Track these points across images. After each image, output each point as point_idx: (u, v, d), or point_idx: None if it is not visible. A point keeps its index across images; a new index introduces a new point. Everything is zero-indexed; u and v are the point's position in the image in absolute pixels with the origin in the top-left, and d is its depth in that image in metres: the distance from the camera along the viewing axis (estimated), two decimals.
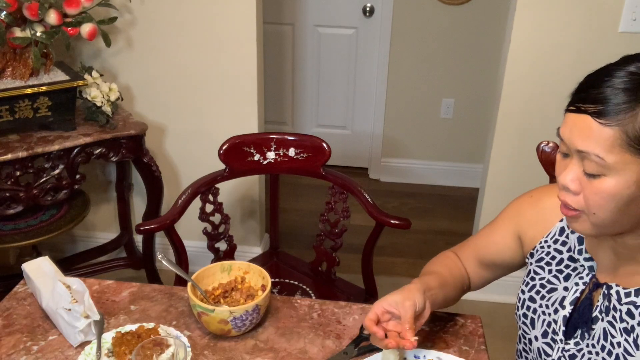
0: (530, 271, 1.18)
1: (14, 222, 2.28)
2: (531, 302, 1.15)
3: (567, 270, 1.12)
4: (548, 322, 1.11)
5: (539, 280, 1.15)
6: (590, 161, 0.89)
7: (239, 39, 2.42)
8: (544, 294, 1.13)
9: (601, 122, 0.87)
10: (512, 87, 2.37)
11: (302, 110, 3.82)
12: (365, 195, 1.94)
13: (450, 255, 1.33)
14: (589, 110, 0.88)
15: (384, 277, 2.78)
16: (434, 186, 3.76)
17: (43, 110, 2.09)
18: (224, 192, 2.24)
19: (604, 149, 0.87)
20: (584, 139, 0.89)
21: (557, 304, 1.10)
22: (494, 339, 1.54)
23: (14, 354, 1.20)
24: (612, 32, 2.22)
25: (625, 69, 0.88)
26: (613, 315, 1.01)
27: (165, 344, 1.11)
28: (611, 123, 0.86)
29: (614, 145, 0.86)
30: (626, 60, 0.90)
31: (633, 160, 0.87)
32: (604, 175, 0.89)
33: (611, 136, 0.86)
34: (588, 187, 0.91)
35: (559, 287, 1.11)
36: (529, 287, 1.17)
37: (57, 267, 1.36)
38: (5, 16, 1.94)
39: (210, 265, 1.36)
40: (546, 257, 1.15)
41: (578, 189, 0.93)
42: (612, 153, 0.87)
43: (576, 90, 0.93)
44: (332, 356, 1.21)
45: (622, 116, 0.85)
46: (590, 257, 1.07)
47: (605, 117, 0.86)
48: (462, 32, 3.39)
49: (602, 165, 0.88)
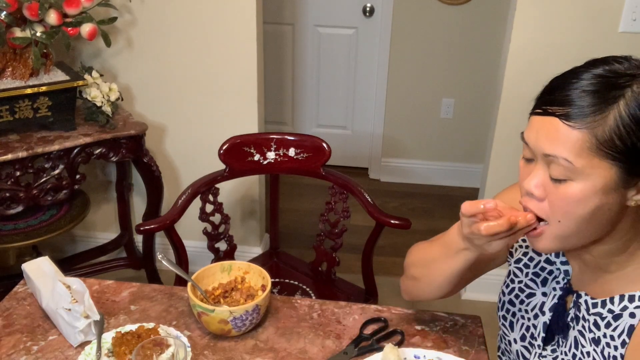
0: (510, 272, 1.16)
1: (14, 222, 2.28)
2: (511, 305, 1.14)
3: (544, 274, 1.10)
4: (527, 326, 1.11)
5: (517, 284, 1.14)
6: (558, 165, 0.86)
7: (239, 39, 2.42)
8: (523, 298, 1.12)
9: (569, 124, 0.84)
10: (512, 87, 2.36)
11: (302, 110, 3.82)
12: (365, 195, 1.94)
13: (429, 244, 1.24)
14: (556, 113, 0.86)
15: (384, 277, 2.78)
16: (434, 186, 3.76)
17: (43, 110, 2.08)
18: (224, 192, 2.24)
19: (572, 152, 0.84)
20: (551, 142, 0.86)
21: (537, 310, 1.09)
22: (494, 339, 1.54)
23: (14, 354, 1.20)
24: (612, 32, 2.22)
25: (591, 71, 0.86)
26: (582, 324, 0.99)
27: (165, 344, 1.11)
28: (580, 125, 0.84)
29: (583, 149, 0.84)
30: (593, 63, 0.88)
31: (601, 164, 0.84)
32: (570, 180, 0.86)
33: (580, 139, 0.84)
34: (553, 193, 0.88)
35: (537, 292, 1.10)
36: (509, 289, 1.15)
37: (57, 267, 1.36)
38: (5, 16, 1.94)
39: (210, 265, 1.36)
40: (524, 258, 1.13)
41: (542, 195, 0.90)
42: (581, 157, 0.84)
43: (542, 92, 0.91)
44: (332, 356, 1.21)
45: (590, 118, 0.83)
46: (567, 260, 1.05)
47: (573, 119, 0.84)
48: (462, 32, 3.39)
49: (569, 170, 0.85)
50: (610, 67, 0.87)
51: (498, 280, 1.32)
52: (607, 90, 0.84)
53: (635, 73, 0.86)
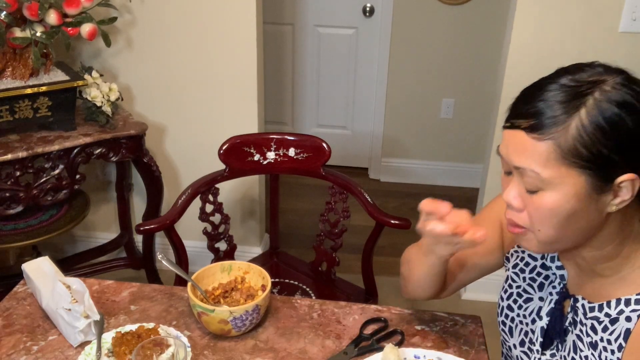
0: (508, 277, 1.17)
1: (14, 222, 2.28)
2: (509, 310, 1.15)
3: (540, 279, 1.10)
4: (525, 331, 1.11)
5: (515, 289, 1.14)
6: (528, 177, 0.88)
7: (239, 39, 2.42)
8: (521, 303, 1.12)
9: (534, 136, 0.86)
10: (512, 87, 2.35)
11: (302, 110, 3.82)
12: (365, 195, 1.94)
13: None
14: (522, 126, 0.87)
15: (384, 277, 2.78)
16: (434, 186, 3.76)
17: (43, 110, 2.08)
18: (224, 192, 2.24)
19: (539, 163, 0.86)
20: (519, 155, 0.88)
21: (535, 314, 1.09)
22: (494, 339, 1.54)
23: (14, 354, 1.20)
24: (612, 32, 2.21)
25: (557, 81, 0.87)
26: (580, 328, 0.99)
27: (165, 344, 1.11)
28: (544, 137, 0.85)
29: (549, 159, 0.85)
30: (559, 73, 0.89)
31: (569, 173, 0.85)
32: (542, 190, 0.88)
33: (545, 150, 0.85)
34: (530, 204, 0.90)
35: (535, 297, 1.10)
36: (507, 294, 1.16)
37: (57, 267, 1.36)
38: (5, 16, 1.94)
39: (210, 265, 1.36)
40: (520, 263, 1.14)
41: (521, 206, 0.92)
42: (548, 167, 0.86)
43: (511, 106, 0.92)
44: (332, 356, 1.21)
45: (554, 129, 0.84)
46: (562, 265, 1.06)
47: (537, 131, 0.85)
48: (462, 32, 3.39)
49: (539, 180, 0.87)
50: (573, 76, 0.87)
51: (498, 281, 1.32)
52: (570, 99, 0.85)
53: (598, 79, 0.86)
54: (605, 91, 0.85)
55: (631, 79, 0.88)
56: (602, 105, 0.84)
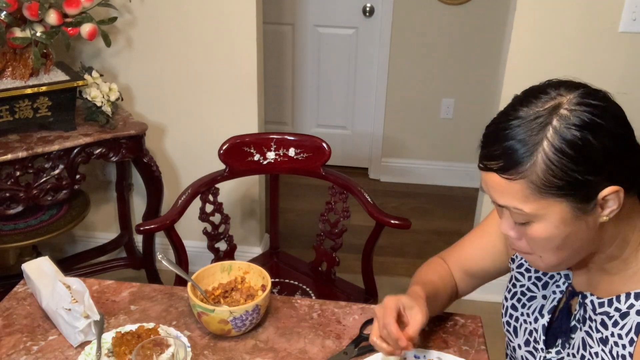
0: (512, 277, 1.17)
1: (14, 222, 2.28)
2: (513, 310, 1.15)
3: (545, 278, 1.11)
4: (529, 330, 1.11)
5: (519, 288, 1.15)
6: (513, 213, 0.90)
7: (239, 39, 2.42)
8: (525, 302, 1.13)
9: (506, 177, 0.87)
10: (512, 87, 2.35)
11: (302, 110, 3.82)
12: (365, 195, 1.94)
13: (441, 262, 1.31)
14: (493, 168, 0.89)
15: (384, 277, 2.78)
16: (434, 186, 3.76)
17: (43, 110, 2.08)
18: (224, 192, 2.24)
19: (519, 201, 0.88)
20: (499, 195, 0.90)
21: (537, 313, 1.10)
22: (494, 339, 1.53)
23: (14, 354, 1.20)
24: (612, 32, 2.21)
25: (517, 115, 0.87)
26: (589, 325, 1.00)
27: (165, 344, 1.11)
28: (515, 176, 0.86)
29: (527, 196, 0.87)
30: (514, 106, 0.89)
31: (549, 203, 0.87)
32: (531, 222, 0.90)
33: (520, 189, 0.87)
34: (524, 234, 0.93)
35: (538, 295, 1.11)
36: (511, 294, 1.16)
37: (57, 267, 1.36)
38: (5, 16, 1.94)
39: (210, 265, 1.36)
40: (525, 264, 1.14)
41: (518, 235, 0.95)
42: (528, 202, 0.87)
43: (480, 146, 0.93)
44: (332, 356, 1.21)
45: (522, 168, 0.85)
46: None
47: (507, 172, 0.87)
48: (462, 32, 3.39)
49: (524, 215, 0.89)
50: (530, 107, 0.87)
51: (498, 281, 1.32)
52: (530, 135, 0.85)
53: (554, 105, 0.86)
54: (562, 117, 0.84)
55: (589, 92, 0.87)
56: (563, 132, 0.84)
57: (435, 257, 1.34)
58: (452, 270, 1.30)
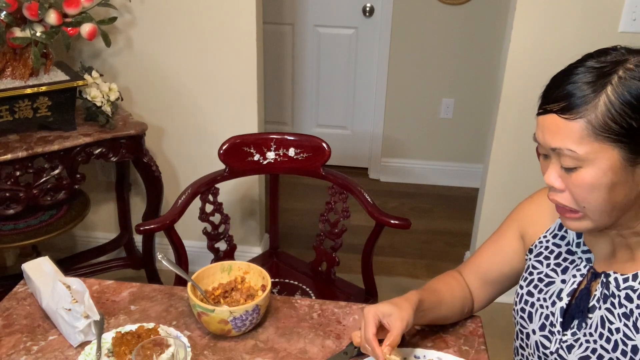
0: (529, 266, 1.18)
1: (14, 222, 2.28)
2: (529, 296, 1.16)
3: (565, 264, 1.13)
4: (546, 314, 1.12)
5: (537, 275, 1.16)
6: (565, 156, 0.93)
7: (239, 39, 2.42)
8: (542, 287, 1.14)
9: (566, 117, 0.92)
10: (512, 87, 2.37)
11: (302, 110, 3.82)
12: (365, 195, 1.94)
13: (456, 275, 1.32)
14: (554, 109, 0.93)
15: (384, 277, 2.79)
16: (433, 186, 3.76)
17: (43, 110, 2.08)
18: (224, 192, 2.24)
19: (574, 142, 0.91)
20: (554, 137, 0.94)
21: (555, 297, 1.11)
22: (494, 339, 1.54)
23: (14, 354, 1.20)
24: (612, 32, 2.22)
25: (584, 64, 0.94)
26: (612, 302, 1.02)
27: (165, 344, 1.11)
28: (575, 117, 0.91)
29: (583, 137, 0.91)
30: (584, 58, 0.96)
31: (602, 148, 0.91)
32: (580, 167, 0.93)
33: (578, 129, 0.91)
34: (570, 182, 0.95)
35: (557, 280, 1.13)
36: (527, 281, 1.17)
37: (57, 267, 1.36)
38: (5, 16, 1.94)
39: (210, 265, 1.36)
40: (545, 252, 1.16)
41: (562, 186, 0.97)
42: (582, 144, 0.91)
43: (542, 94, 0.98)
44: (332, 356, 1.21)
45: (583, 108, 0.90)
46: (588, 249, 1.09)
47: (568, 112, 0.91)
48: (462, 32, 3.39)
49: (576, 158, 0.92)
50: (599, 58, 0.95)
51: None
52: (596, 79, 0.91)
53: (621, 59, 0.93)
54: (628, 69, 0.91)
55: None
56: (627, 81, 0.90)
57: (452, 270, 1.35)
58: (468, 282, 1.30)
